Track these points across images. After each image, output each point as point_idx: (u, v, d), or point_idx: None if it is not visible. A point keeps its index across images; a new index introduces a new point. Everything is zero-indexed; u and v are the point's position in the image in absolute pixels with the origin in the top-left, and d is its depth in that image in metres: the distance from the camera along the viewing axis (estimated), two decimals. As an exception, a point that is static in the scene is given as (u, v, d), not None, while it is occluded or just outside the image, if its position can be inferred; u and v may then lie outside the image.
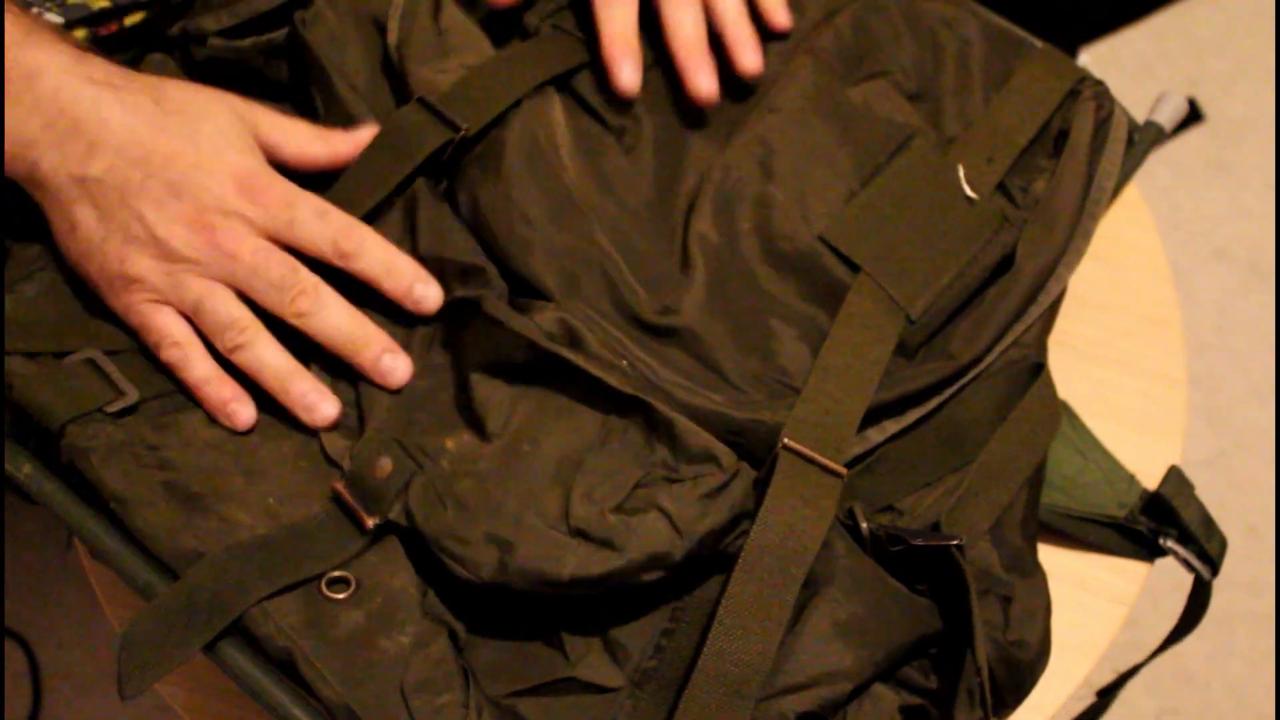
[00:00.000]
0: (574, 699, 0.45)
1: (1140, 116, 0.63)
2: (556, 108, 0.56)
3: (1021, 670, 0.48)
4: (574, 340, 0.48)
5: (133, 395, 0.48)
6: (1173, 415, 0.61)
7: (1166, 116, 0.64)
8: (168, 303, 0.49)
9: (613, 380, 0.46)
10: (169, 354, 0.49)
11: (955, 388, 0.52)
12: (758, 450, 0.48)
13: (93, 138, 0.48)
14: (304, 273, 0.49)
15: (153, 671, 0.41)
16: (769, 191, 0.54)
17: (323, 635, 0.43)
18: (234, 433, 0.49)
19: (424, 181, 0.53)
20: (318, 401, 0.49)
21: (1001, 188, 0.58)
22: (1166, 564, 0.57)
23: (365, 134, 0.53)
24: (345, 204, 0.52)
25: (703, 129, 0.57)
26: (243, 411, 0.48)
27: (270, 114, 0.53)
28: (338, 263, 0.50)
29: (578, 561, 0.43)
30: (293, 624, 0.43)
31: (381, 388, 0.49)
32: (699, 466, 0.45)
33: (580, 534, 0.44)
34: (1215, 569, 0.55)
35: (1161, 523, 0.55)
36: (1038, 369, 0.54)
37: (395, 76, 0.57)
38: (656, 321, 0.50)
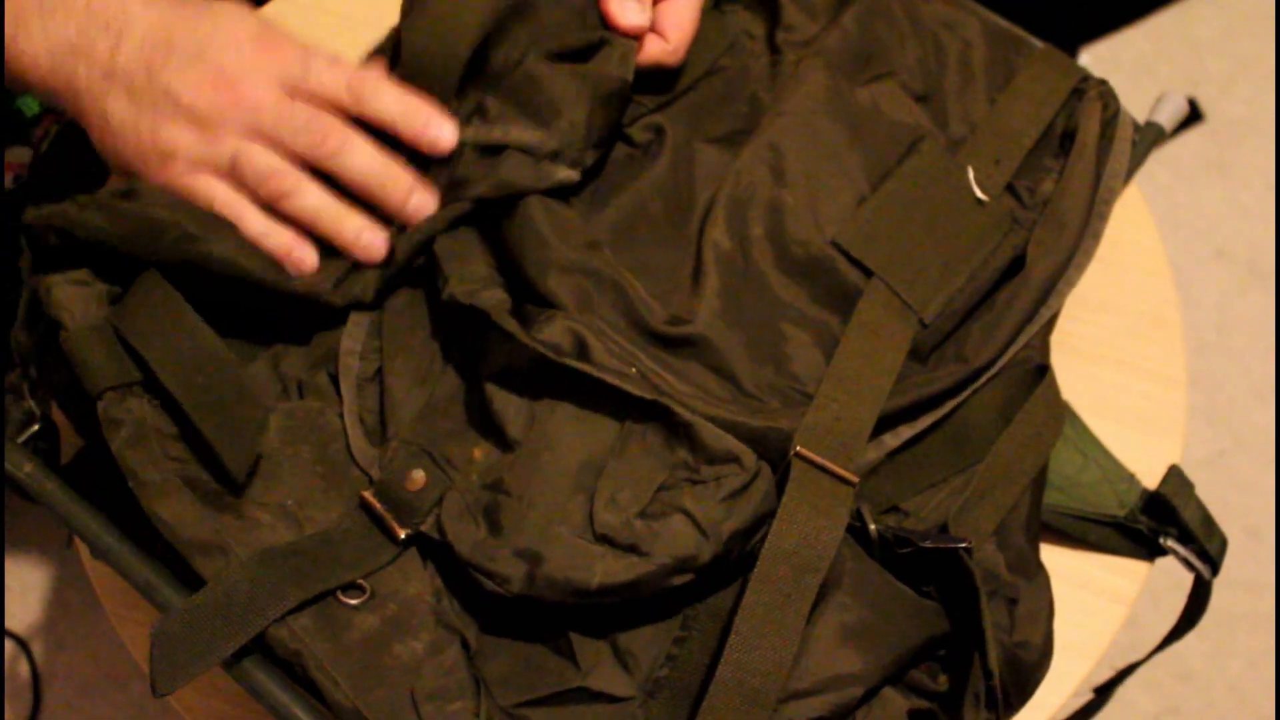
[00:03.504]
0: (585, 709, 0.45)
1: (1140, 116, 0.63)
2: None
3: (1026, 671, 0.48)
4: (582, 350, 0.48)
5: None
6: (1173, 415, 0.61)
7: (1167, 116, 0.64)
8: (207, 168, 0.50)
9: (633, 388, 0.46)
10: (227, 217, 0.50)
11: (968, 391, 0.52)
12: (773, 458, 0.47)
13: (118, 30, 0.50)
14: (328, 116, 0.51)
15: (185, 671, 0.41)
16: (780, 196, 0.54)
17: (335, 639, 0.43)
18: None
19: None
20: (372, 239, 0.51)
21: (1009, 189, 0.58)
22: (1166, 563, 0.57)
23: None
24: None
25: (715, 137, 0.57)
26: (308, 256, 0.51)
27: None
28: (354, 107, 0.51)
29: (605, 569, 0.43)
30: (305, 626, 0.43)
31: (404, 228, 0.51)
32: (720, 467, 0.45)
33: (606, 540, 0.44)
34: (1215, 568, 0.55)
35: (1162, 522, 0.55)
36: (1041, 370, 0.54)
37: None
38: (669, 332, 0.50)
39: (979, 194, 0.56)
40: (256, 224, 0.50)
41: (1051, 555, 0.56)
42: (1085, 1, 0.92)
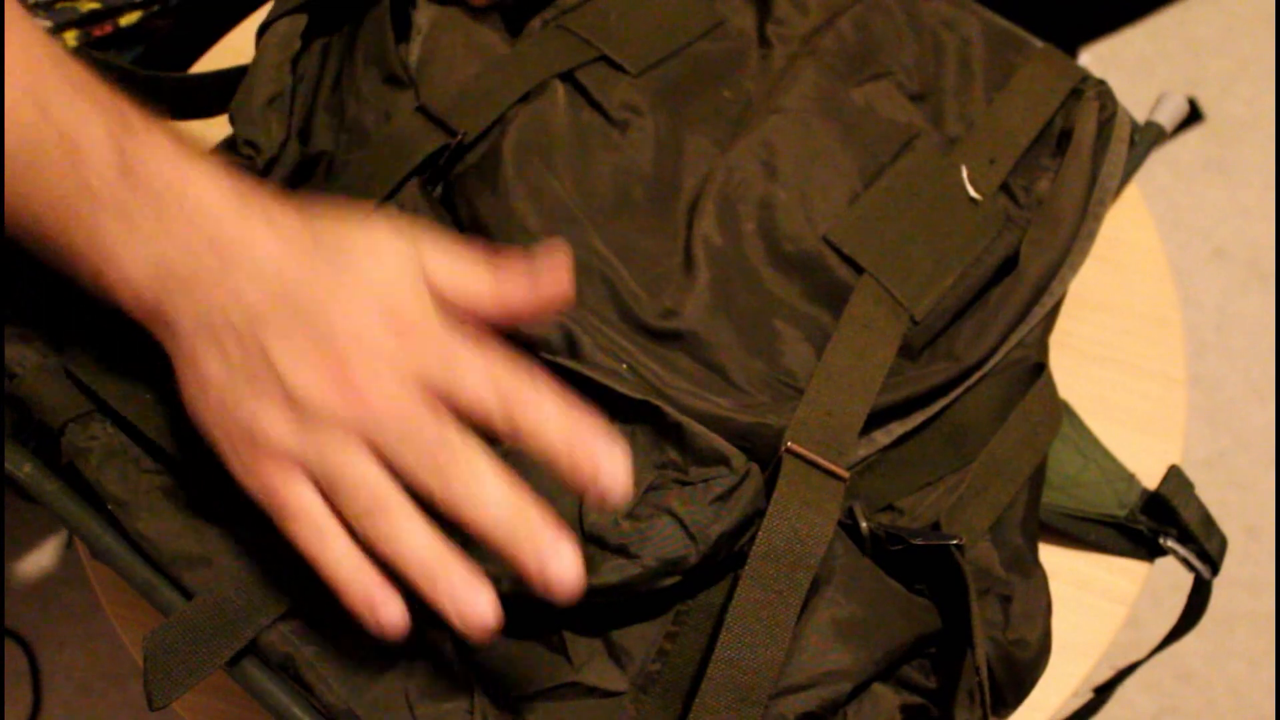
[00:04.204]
0: (578, 704, 0.45)
1: (1140, 116, 0.63)
2: (559, 102, 0.56)
3: (1021, 669, 0.48)
4: (571, 344, 0.48)
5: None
6: (1173, 415, 0.61)
7: (1166, 116, 0.64)
8: (297, 464, 0.39)
9: (622, 388, 0.46)
10: (299, 534, 0.39)
11: (960, 389, 0.52)
12: (763, 453, 0.47)
13: (234, 270, 0.40)
14: (459, 433, 0.39)
15: (181, 683, 0.41)
16: (773, 192, 0.54)
17: (324, 643, 0.44)
18: None
19: (415, 185, 0.53)
20: (471, 597, 0.38)
21: (1004, 188, 0.58)
22: (1166, 564, 0.57)
23: (550, 264, 0.43)
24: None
25: (705, 129, 0.57)
26: (391, 609, 0.39)
27: (435, 241, 0.43)
28: (503, 426, 0.39)
29: (594, 570, 0.43)
30: (295, 629, 0.43)
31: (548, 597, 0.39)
32: (709, 469, 0.45)
33: (595, 541, 0.44)
34: (1215, 568, 0.55)
35: (1161, 522, 0.55)
36: (1038, 369, 0.54)
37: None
38: (660, 325, 0.50)
39: (972, 192, 0.56)
40: (336, 556, 0.39)
41: (1051, 555, 0.56)
42: (1085, 1, 0.92)
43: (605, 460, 0.38)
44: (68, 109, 0.41)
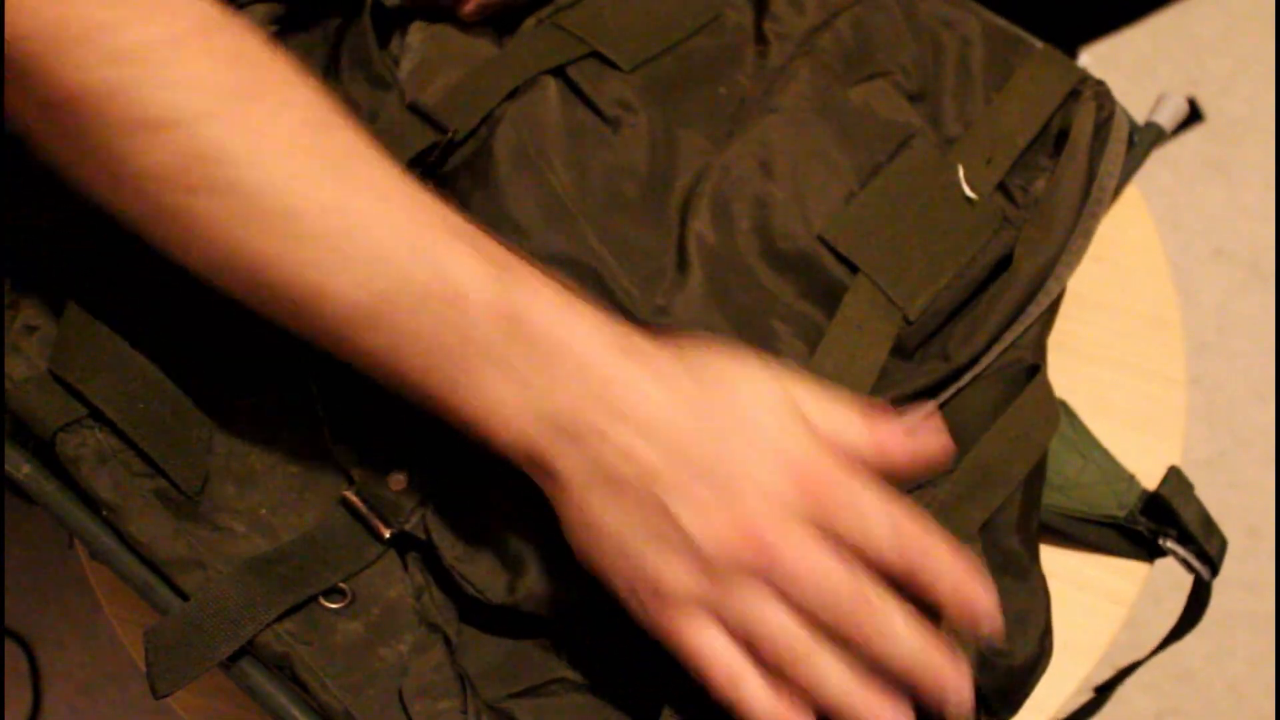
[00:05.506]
0: (566, 699, 0.45)
1: (1140, 116, 0.63)
2: (551, 98, 0.55)
3: (1005, 674, 0.47)
4: None
5: None
6: (1173, 415, 0.61)
7: (1166, 117, 0.64)
8: (703, 611, 0.41)
9: None
10: (713, 678, 0.41)
11: (951, 391, 0.52)
12: None
13: (625, 425, 0.41)
14: (865, 585, 0.41)
15: (183, 674, 0.42)
16: (768, 191, 0.54)
17: (320, 643, 0.44)
18: (224, 434, 0.48)
19: None
20: None
21: (1002, 188, 0.58)
22: (1166, 564, 0.57)
23: (927, 418, 0.45)
24: None
25: (699, 125, 0.57)
26: None
27: (807, 385, 0.45)
28: (896, 565, 0.42)
29: (585, 584, 0.44)
30: (290, 630, 0.44)
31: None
32: None
33: None
34: (1215, 569, 0.55)
35: (1161, 523, 0.55)
36: (1034, 370, 0.54)
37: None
38: (652, 324, 0.50)
39: (969, 192, 0.56)
40: (762, 704, 0.40)
41: (1051, 556, 0.56)
42: (1085, 1, 0.92)
43: (985, 605, 0.42)
44: (451, 256, 0.42)
